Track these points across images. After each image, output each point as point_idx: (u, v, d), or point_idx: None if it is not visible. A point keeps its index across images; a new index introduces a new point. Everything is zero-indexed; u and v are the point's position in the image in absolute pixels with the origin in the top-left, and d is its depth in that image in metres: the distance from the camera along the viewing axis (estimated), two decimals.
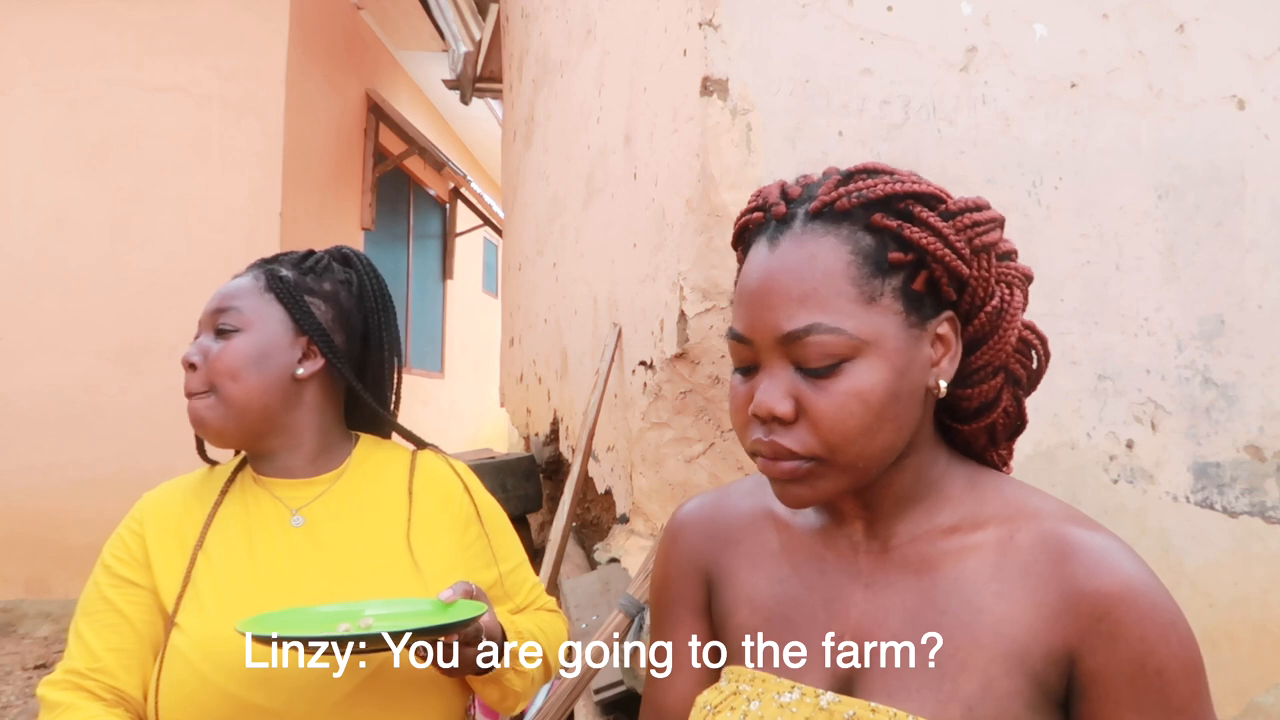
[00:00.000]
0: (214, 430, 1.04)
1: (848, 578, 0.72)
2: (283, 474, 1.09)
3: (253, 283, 1.09)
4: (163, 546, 1.03)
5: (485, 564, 1.13)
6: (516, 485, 3.88)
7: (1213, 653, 1.87)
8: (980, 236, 0.67)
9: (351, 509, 1.08)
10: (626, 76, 2.53)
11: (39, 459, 4.71)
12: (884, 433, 0.64)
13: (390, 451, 1.17)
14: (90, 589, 1.03)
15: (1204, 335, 1.93)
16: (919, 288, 0.66)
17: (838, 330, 0.63)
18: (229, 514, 1.06)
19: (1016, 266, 0.70)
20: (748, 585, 0.76)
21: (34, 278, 4.84)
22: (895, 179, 0.67)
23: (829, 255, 0.65)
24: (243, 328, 1.05)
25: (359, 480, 1.11)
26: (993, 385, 0.70)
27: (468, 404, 9.07)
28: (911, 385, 0.66)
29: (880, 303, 0.64)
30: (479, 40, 6.66)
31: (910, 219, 0.66)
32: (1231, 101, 1.97)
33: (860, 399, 0.63)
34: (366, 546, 1.05)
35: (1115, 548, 0.64)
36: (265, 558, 1.02)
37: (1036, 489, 0.71)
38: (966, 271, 0.66)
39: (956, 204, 0.67)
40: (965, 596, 0.66)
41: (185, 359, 1.04)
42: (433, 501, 1.11)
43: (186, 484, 1.11)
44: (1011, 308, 0.69)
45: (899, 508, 0.71)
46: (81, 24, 4.96)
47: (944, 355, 0.68)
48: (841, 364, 0.63)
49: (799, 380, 0.64)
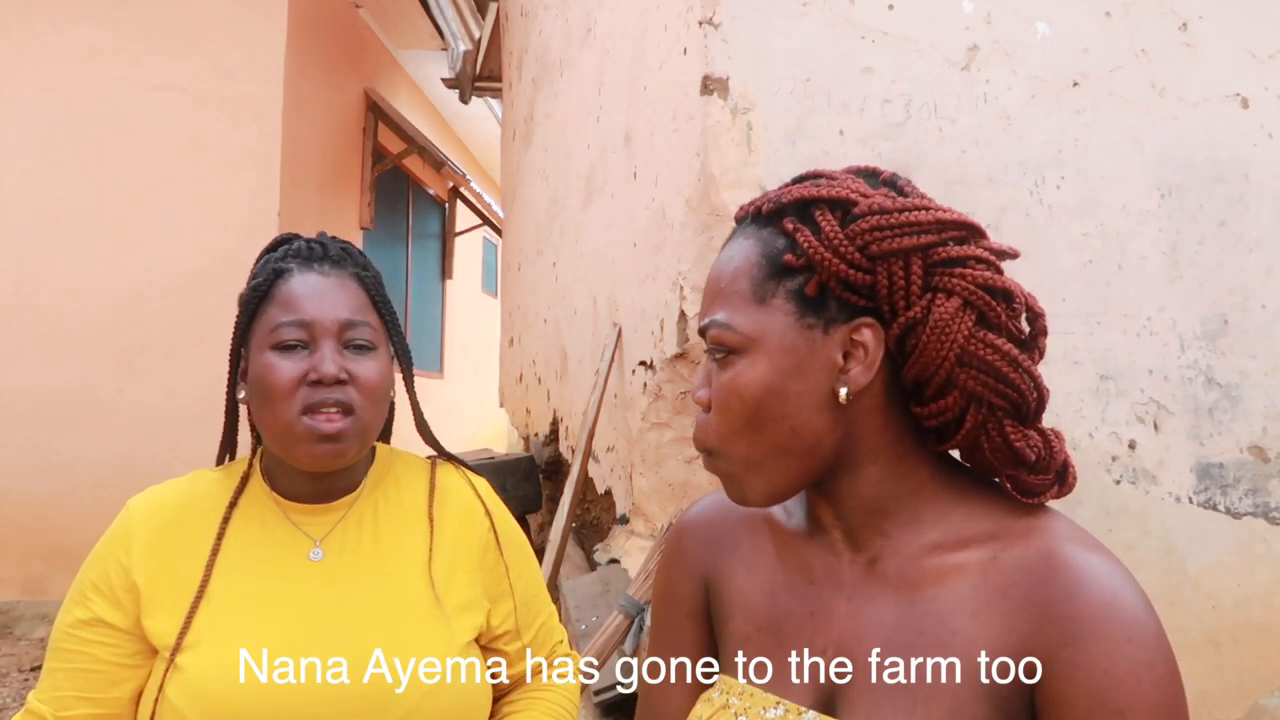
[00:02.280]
0: (347, 459, 0.94)
1: (832, 589, 0.71)
2: (310, 497, 0.99)
3: (363, 293, 0.99)
4: (155, 579, 0.92)
5: (502, 594, 1.05)
6: (516, 485, 3.88)
7: (1216, 654, 1.86)
8: (881, 243, 0.63)
9: (371, 537, 0.99)
10: (626, 75, 2.52)
11: (36, 459, 4.69)
12: (769, 430, 0.65)
13: (406, 465, 1.08)
14: (64, 616, 0.92)
15: (1207, 335, 1.92)
16: (811, 292, 0.66)
17: (727, 325, 0.67)
18: (237, 541, 0.95)
19: (968, 274, 0.63)
20: (744, 592, 0.76)
21: (30, 277, 4.83)
22: (817, 184, 0.67)
23: (742, 255, 0.68)
24: (377, 346, 0.96)
25: (378, 502, 1.02)
26: (945, 404, 0.66)
27: (467, 404, 9.06)
28: (805, 387, 0.65)
29: (770, 303, 0.66)
30: (478, 39, 6.65)
31: (809, 224, 0.66)
32: (1235, 100, 1.96)
33: (737, 393, 0.66)
34: (387, 581, 0.96)
35: (1101, 570, 0.60)
36: (280, 596, 0.92)
37: (1040, 506, 0.67)
38: (859, 278, 0.64)
39: (864, 208, 0.65)
40: (942, 617, 0.64)
41: (330, 373, 0.91)
42: (454, 527, 1.03)
43: (183, 494, 0.98)
44: (935, 319, 0.63)
45: (874, 519, 0.69)
46: (80, 23, 4.95)
47: (859, 363, 0.65)
48: (731, 355, 0.67)
49: (716, 371, 0.69)
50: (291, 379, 0.91)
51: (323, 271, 0.97)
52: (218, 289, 4.58)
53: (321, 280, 0.96)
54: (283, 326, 0.93)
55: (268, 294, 0.96)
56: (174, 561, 0.93)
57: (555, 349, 3.77)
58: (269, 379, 0.91)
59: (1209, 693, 1.85)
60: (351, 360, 0.93)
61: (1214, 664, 1.85)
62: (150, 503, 0.97)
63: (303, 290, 0.95)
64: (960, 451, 0.70)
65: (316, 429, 0.90)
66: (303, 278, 0.96)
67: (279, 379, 0.91)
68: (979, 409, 0.66)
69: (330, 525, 0.98)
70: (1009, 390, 0.65)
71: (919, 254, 0.64)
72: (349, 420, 0.91)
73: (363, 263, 1.03)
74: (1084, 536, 0.64)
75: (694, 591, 0.80)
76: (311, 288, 0.95)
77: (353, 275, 0.99)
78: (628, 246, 2.46)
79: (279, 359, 0.92)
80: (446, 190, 8.41)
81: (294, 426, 0.91)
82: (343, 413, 0.91)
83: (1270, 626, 1.88)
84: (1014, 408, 0.66)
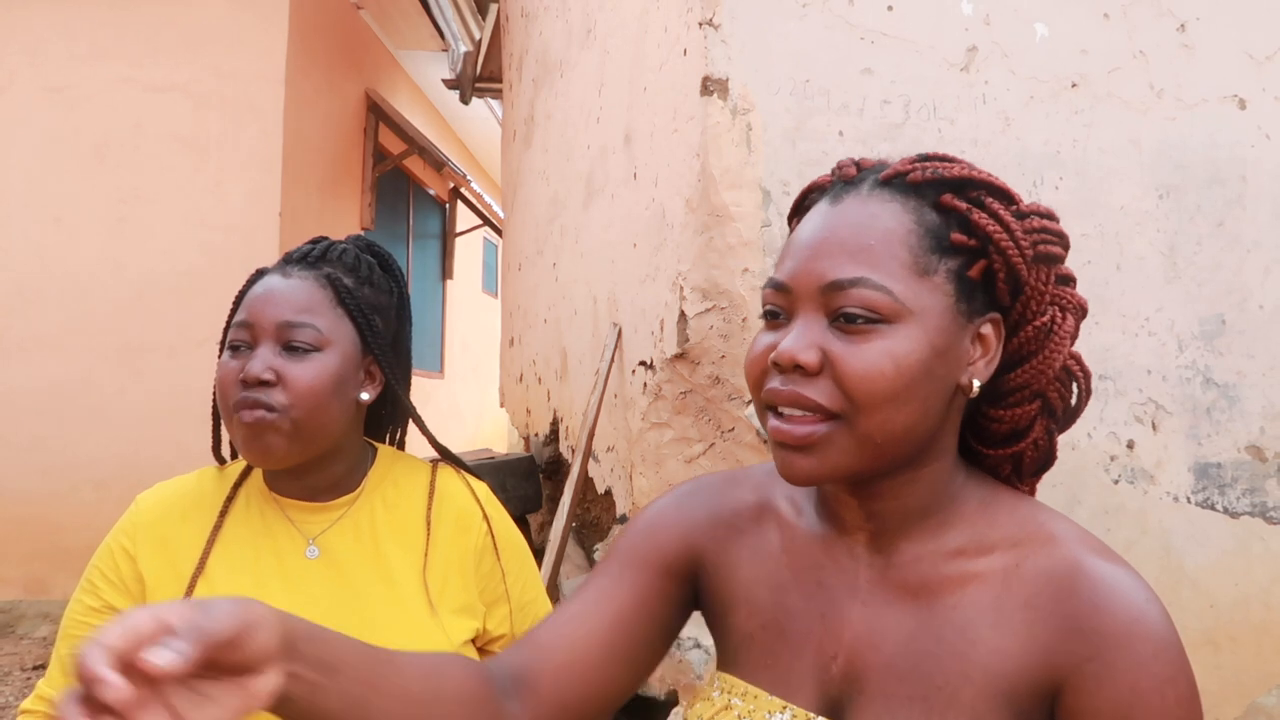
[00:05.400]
0: (276, 457, 0.94)
1: (845, 592, 0.68)
2: (304, 495, 1.00)
3: (322, 294, 0.98)
4: (158, 569, 0.95)
5: (498, 598, 1.06)
6: (516, 485, 3.88)
7: (1214, 654, 1.86)
8: (1045, 245, 0.65)
9: (368, 537, 1.00)
10: (626, 76, 2.52)
11: (37, 459, 4.70)
12: (909, 407, 0.61)
13: (408, 468, 1.09)
14: (75, 605, 0.96)
15: (1205, 335, 1.93)
16: (974, 276, 0.64)
17: (885, 289, 0.61)
18: (235, 534, 0.98)
19: (1074, 294, 0.68)
20: (747, 584, 0.73)
21: (33, 277, 4.84)
22: (972, 168, 0.67)
23: (891, 219, 0.64)
24: (321, 348, 0.95)
25: (376, 503, 1.03)
26: (1027, 411, 0.67)
27: (467, 404, 9.06)
28: (945, 372, 0.63)
29: (932, 279, 0.63)
30: (479, 40, 6.65)
31: (981, 206, 0.65)
32: (1233, 101, 1.97)
33: (894, 361, 0.61)
34: (380, 582, 0.98)
35: (1127, 584, 0.60)
36: (275, 592, 0.94)
37: (1055, 511, 0.68)
38: (1025, 273, 0.64)
39: (1029, 206, 0.66)
40: (961, 626, 0.63)
41: (253, 374, 0.92)
42: (450, 531, 1.04)
43: (186, 489, 1.02)
44: (1061, 330, 0.66)
45: (907, 523, 0.67)
46: (81, 23, 4.96)
47: (982, 356, 0.65)
48: (880, 324, 0.61)
49: (831, 336, 0.62)
50: (230, 378, 0.94)
51: (287, 273, 0.99)
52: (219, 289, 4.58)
53: (280, 282, 0.98)
54: (232, 328, 0.98)
55: (242, 297, 1.00)
56: (175, 554, 0.96)
57: (555, 349, 3.77)
58: (217, 378, 0.97)
59: (1207, 692, 1.85)
60: (285, 361, 0.94)
61: (1212, 663, 1.86)
62: (156, 497, 1.01)
63: (258, 293, 0.98)
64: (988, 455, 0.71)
65: (244, 424, 0.93)
66: (266, 280, 0.99)
67: (220, 378, 0.96)
68: (1047, 418, 0.68)
69: (328, 524, 1.00)
70: (1081, 405, 0.69)
71: (1056, 264, 0.66)
72: (272, 416, 0.92)
73: (351, 264, 1.03)
74: (1102, 545, 0.64)
75: (676, 551, 0.76)
76: (265, 289, 0.98)
77: (322, 276, 1.00)
78: (628, 246, 2.46)
79: (227, 359, 0.97)
80: (447, 190, 8.42)
81: (231, 422, 0.95)
82: (265, 410, 0.92)
83: (1268, 626, 1.88)
84: (1070, 419, 0.70)
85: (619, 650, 0.72)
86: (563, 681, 0.70)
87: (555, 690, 0.70)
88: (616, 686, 0.73)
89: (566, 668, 0.71)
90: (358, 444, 1.05)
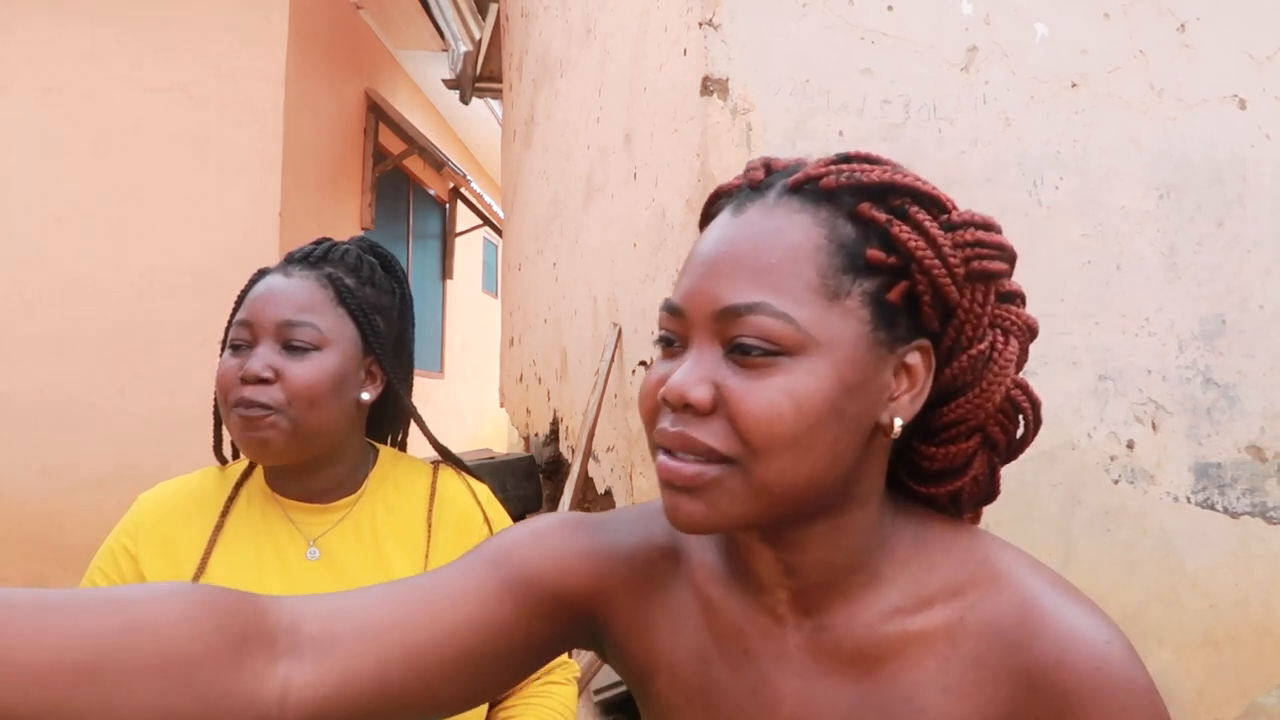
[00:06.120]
0: (273, 454, 0.94)
1: (776, 662, 0.60)
2: (306, 496, 1.01)
3: (323, 293, 0.98)
4: (159, 569, 0.95)
5: None
6: (516, 485, 3.88)
7: (1214, 654, 1.86)
8: (982, 261, 0.56)
9: (369, 539, 1.00)
10: (626, 76, 2.52)
11: (37, 458, 4.70)
12: (814, 454, 0.53)
13: (409, 470, 1.09)
14: None
15: (1205, 335, 1.93)
16: (895, 299, 0.55)
17: (785, 317, 0.52)
18: (237, 534, 0.98)
19: (1020, 314, 0.59)
20: (668, 649, 0.64)
21: (32, 277, 4.84)
22: (896, 170, 0.58)
23: (798, 233, 0.54)
24: (321, 346, 0.95)
25: (377, 505, 1.03)
26: (963, 448, 0.59)
27: (467, 404, 9.06)
28: (858, 411, 0.54)
29: (844, 303, 0.54)
30: (479, 40, 6.65)
31: (903, 217, 0.56)
32: (1233, 101, 1.97)
33: (794, 400, 0.52)
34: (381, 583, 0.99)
35: (1084, 626, 0.53)
36: (275, 592, 0.91)
37: (995, 540, 0.60)
38: (955, 296, 0.55)
39: (962, 216, 0.57)
40: (907, 695, 0.56)
41: (252, 371, 0.93)
42: (451, 533, 1.04)
43: (188, 489, 1.02)
44: (1003, 358, 0.57)
45: (832, 579, 0.58)
46: (81, 23, 4.95)
47: (907, 390, 0.56)
48: (780, 357, 0.52)
49: (726, 369, 0.53)
50: (230, 376, 0.95)
51: (288, 273, 1.00)
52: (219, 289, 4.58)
53: (282, 282, 0.99)
54: (233, 327, 0.98)
55: (244, 296, 1.00)
56: (176, 553, 0.96)
57: (555, 349, 3.77)
58: (217, 376, 0.97)
59: (1207, 692, 1.85)
60: (285, 360, 0.95)
61: (1212, 663, 1.86)
62: (157, 497, 1.01)
63: (259, 292, 0.99)
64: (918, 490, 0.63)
65: (241, 421, 0.94)
66: (267, 280, 1.00)
67: (220, 375, 0.96)
68: (990, 453, 0.60)
69: (329, 525, 1.00)
70: (1027, 440, 0.61)
71: (997, 282, 0.57)
72: (268, 414, 0.93)
73: (353, 264, 1.04)
74: (1052, 577, 0.57)
75: (577, 582, 0.64)
76: (266, 288, 0.98)
77: (323, 276, 1.00)
78: (628, 246, 2.46)
79: (228, 357, 0.97)
80: (447, 190, 8.42)
81: (229, 420, 0.96)
82: (263, 408, 0.93)
83: (1268, 626, 1.88)
84: (1015, 453, 0.62)
85: (459, 660, 0.59)
86: (370, 667, 0.56)
87: (355, 674, 0.56)
88: (431, 698, 0.59)
89: (383, 651, 0.57)
90: (359, 445, 1.05)
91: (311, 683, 0.54)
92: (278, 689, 0.53)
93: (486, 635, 0.60)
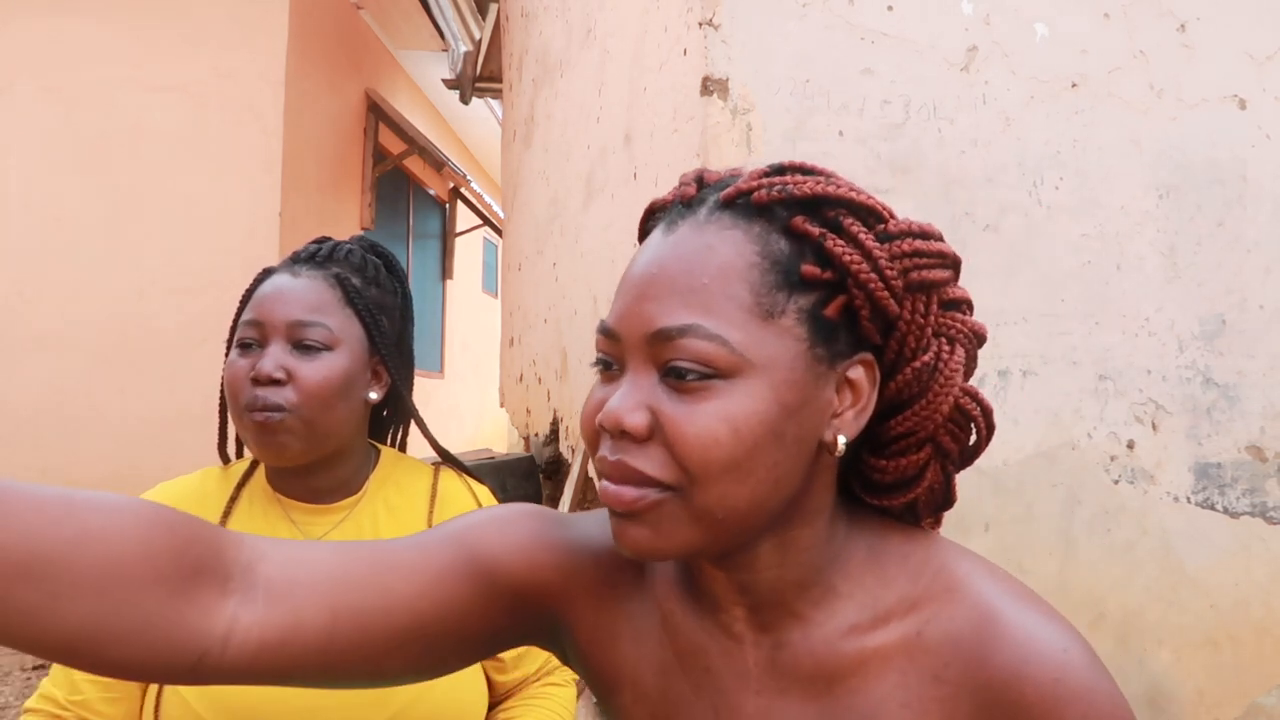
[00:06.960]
0: (289, 455, 0.94)
1: (736, 680, 0.60)
2: (308, 496, 1.01)
3: (332, 293, 0.99)
4: None
5: None
6: (516, 485, 3.88)
7: (1214, 654, 1.86)
8: (920, 271, 0.55)
9: (369, 539, 1.01)
10: (626, 76, 2.52)
11: (36, 459, 4.70)
12: (754, 479, 0.52)
13: (410, 470, 1.09)
14: None
15: (1205, 335, 1.93)
16: (832, 315, 0.54)
17: (719, 339, 0.51)
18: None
19: (966, 320, 0.58)
20: (631, 663, 0.63)
21: (31, 278, 4.84)
22: (830, 181, 0.57)
23: (729, 251, 0.53)
24: (332, 346, 0.96)
25: (378, 506, 1.03)
26: (914, 460, 0.58)
27: (467, 404, 9.06)
28: (800, 432, 0.53)
29: (779, 321, 0.53)
30: (479, 40, 6.65)
31: (838, 230, 0.55)
32: (1233, 101, 1.97)
33: (731, 425, 0.51)
34: None
35: (1043, 635, 0.53)
36: None
37: (950, 546, 0.60)
38: (894, 308, 0.55)
39: (898, 226, 0.56)
40: (868, 713, 0.56)
41: (264, 372, 0.93)
42: None
43: (189, 489, 1.02)
44: (949, 367, 0.56)
45: (785, 597, 0.58)
46: (81, 23, 4.96)
47: (851, 406, 0.55)
48: (715, 380, 0.51)
49: (662, 393, 0.52)
50: (241, 376, 0.95)
51: (295, 272, 1.00)
52: (219, 290, 4.59)
53: (290, 281, 0.99)
54: (241, 326, 0.98)
55: (250, 296, 1.00)
56: None
57: (555, 349, 3.77)
58: (226, 376, 0.97)
59: (1207, 692, 1.85)
60: (296, 360, 0.95)
61: (1212, 663, 1.86)
62: (159, 497, 1.00)
63: (268, 291, 0.98)
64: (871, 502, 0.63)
65: (255, 423, 0.94)
66: (275, 279, 1.00)
67: (230, 376, 0.96)
68: (943, 463, 0.60)
69: (330, 526, 1.00)
70: (980, 447, 0.60)
71: (939, 290, 0.57)
72: (283, 416, 0.93)
73: (358, 264, 1.04)
74: (1010, 584, 0.57)
75: (545, 579, 0.63)
76: (275, 288, 0.98)
77: (330, 276, 1.00)
78: (628, 246, 2.47)
79: (236, 357, 0.97)
80: (447, 191, 8.42)
81: (242, 421, 0.95)
82: (277, 410, 0.93)
83: (1268, 626, 1.88)
84: (970, 459, 0.61)
85: (410, 631, 0.58)
86: (322, 620, 0.55)
87: (305, 625, 0.55)
88: (373, 664, 0.58)
89: (338, 606, 0.56)
90: (362, 445, 1.06)
91: (259, 624, 0.53)
92: (223, 626, 0.52)
93: (441, 612, 0.59)
